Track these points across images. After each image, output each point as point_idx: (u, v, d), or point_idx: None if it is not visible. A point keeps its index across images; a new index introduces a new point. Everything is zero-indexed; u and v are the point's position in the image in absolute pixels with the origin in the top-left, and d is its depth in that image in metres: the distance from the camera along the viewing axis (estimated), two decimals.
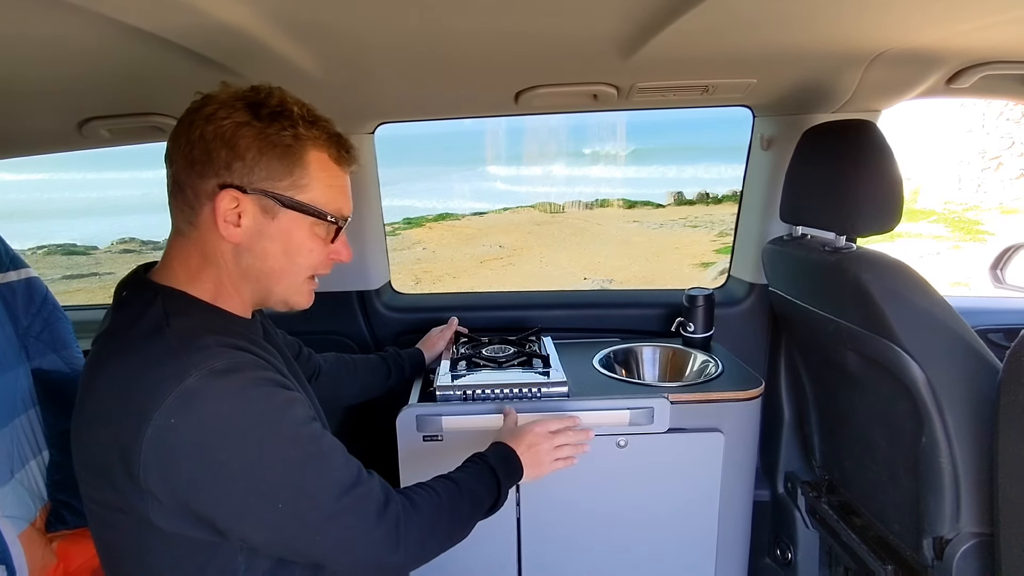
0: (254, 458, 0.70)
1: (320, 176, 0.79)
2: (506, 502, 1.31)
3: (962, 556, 1.09)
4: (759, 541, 1.76)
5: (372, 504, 0.79)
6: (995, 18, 0.96)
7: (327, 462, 0.76)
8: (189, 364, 0.68)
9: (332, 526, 0.75)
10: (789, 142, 1.33)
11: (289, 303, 0.85)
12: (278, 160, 0.76)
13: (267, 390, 0.72)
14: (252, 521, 0.72)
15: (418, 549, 0.84)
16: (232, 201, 0.75)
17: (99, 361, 0.74)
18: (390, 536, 0.80)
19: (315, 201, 0.79)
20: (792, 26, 1.00)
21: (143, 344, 0.71)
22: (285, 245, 0.79)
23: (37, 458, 1.40)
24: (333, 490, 0.75)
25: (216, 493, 0.69)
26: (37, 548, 1.28)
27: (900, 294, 1.07)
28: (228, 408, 0.68)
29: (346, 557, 0.78)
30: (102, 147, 1.47)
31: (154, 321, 0.73)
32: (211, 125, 0.74)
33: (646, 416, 1.28)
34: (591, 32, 1.01)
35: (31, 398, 1.41)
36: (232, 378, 0.69)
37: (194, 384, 0.67)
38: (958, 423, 1.05)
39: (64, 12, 0.75)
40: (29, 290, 1.48)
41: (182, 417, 0.66)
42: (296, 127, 0.77)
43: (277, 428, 0.71)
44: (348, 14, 0.89)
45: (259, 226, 0.77)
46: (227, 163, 0.74)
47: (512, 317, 1.78)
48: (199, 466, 0.67)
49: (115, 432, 0.68)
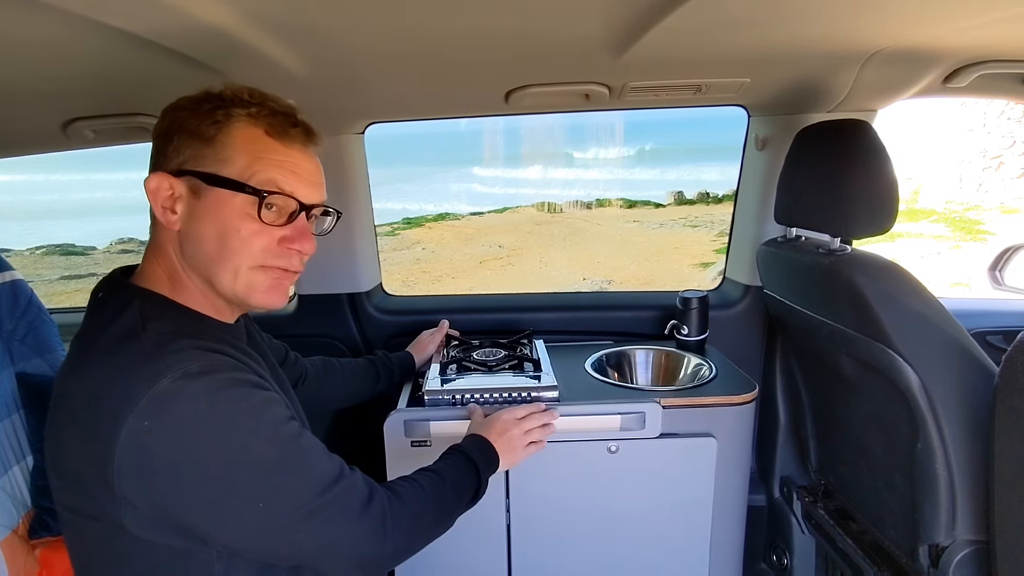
0: (233, 459, 0.68)
1: (248, 148, 0.74)
2: (498, 507, 1.32)
3: (958, 564, 1.08)
4: (755, 546, 1.74)
5: (356, 498, 0.78)
6: (991, 16, 0.94)
7: (307, 459, 0.74)
8: (163, 367, 0.66)
9: (315, 522, 0.73)
10: (784, 142, 1.31)
11: (250, 300, 0.78)
12: (200, 137, 0.74)
13: (243, 390, 0.70)
14: (234, 524, 0.70)
15: (405, 541, 0.83)
16: (165, 187, 0.74)
17: (72, 363, 0.73)
18: (376, 528, 0.79)
19: (240, 175, 0.74)
20: (784, 25, 0.98)
21: (117, 347, 0.69)
22: (216, 226, 0.74)
23: (20, 464, 1.38)
24: (315, 486, 0.73)
25: (195, 496, 0.67)
26: (19, 555, 1.26)
27: (894, 297, 1.05)
28: (204, 409, 0.66)
29: (332, 553, 0.76)
30: (86, 148, 1.46)
31: (129, 324, 0.71)
32: (159, 125, 0.77)
33: (637, 421, 1.26)
34: (580, 31, 1.00)
35: (15, 402, 1.40)
36: (207, 380, 0.67)
37: (168, 387, 0.65)
38: (954, 429, 1.03)
39: (47, 14, 0.74)
40: (14, 293, 1.47)
41: (156, 420, 0.64)
42: (229, 107, 0.74)
43: (255, 428, 0.70)
44: (334, 14, 0.87)
45: (191, 208, 0.75)
46: (162, 150, 0.75)
47: (504, 320, 1.76)
48: (177, 469, 0.66)
49: (88, 436, 0.66)
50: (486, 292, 2.02)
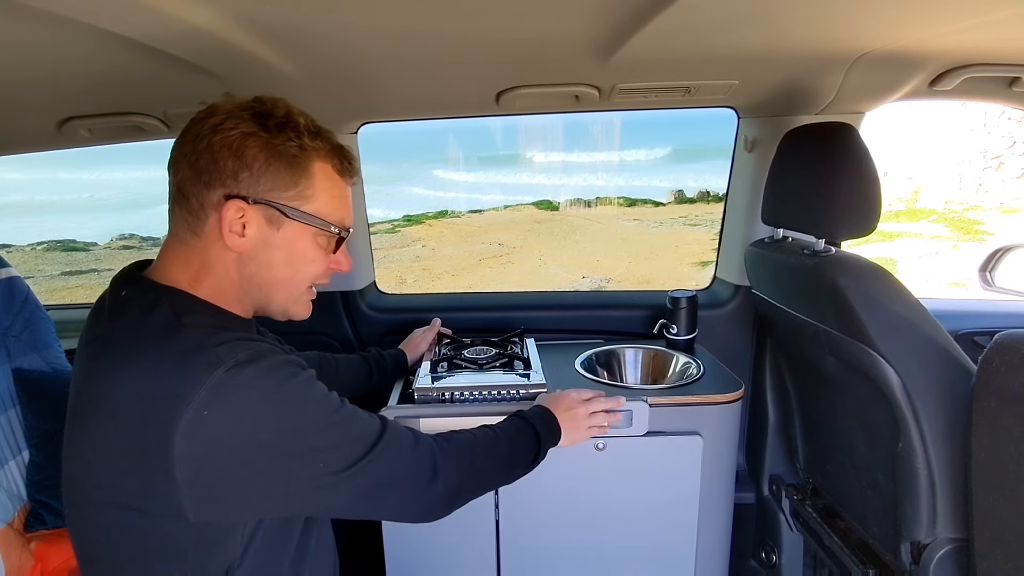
0: (291, 431, 0.73)
1: (324, 187, 0.81)
2: (486, 503, 1.33)
3: (939, 561, 1.09)
4: (743, 543, 1.76)
5: (405, 441, 0.85)
6: (976, 20, 0.95)
7: (354, 420, 0.81)
8: (214, 358, 0.70)
9: (372, 468, 0.80)
10: (772, 144, 1.32)
11: (288, 313, 0.87)
12: (284, 171, 0.77)
13: (290, 371, 0.75)
14: (295, 489, 0.75)
15: (455, 480, 0.90)
16: (238, 211, 0.76)
17: (106, 363, 0.73)
18: (425, 466, 0.86)
19: (319, 212, 0.81)
20: (772, 27, 0.99)
21: (159, 344, 0.72)
22: (289, 255, 0.81)
23: (17, 458, 1.40)
24: (367, 439, 0.80)
25: (260, 471, 0.72)
26: (14, 548, 1.28)
27: (876, 299, 1.06)
28: (259, 392, 0.71)
29: (390, 497, 0.83)
30: (81, 146, 1.47)
31: (164, 320, 0.74)
32: (218, 135, 0.75)
33: (624, 419, 1.27)
34: (568, 33, 1.01)
35: (11, 398, 1.42)
36: (257, 366, 0.72)
37: (223, 376, 0.69)
38: (933, 428, 1.05)
39: (42, 16, 0.75)
40: (10, 290, 1.48)
41: (215, 409, 0.68)
42: (302, 138, 0.78)
43: (306, 401, 0.76)
44: (326, 16, 0.89)
45: (264, 236, 0.79)
46: (234, 173, 0.76)
47: (496, 318, 1.78)
48: (240, 450, 0.70)
49: (140, 433, 0.69)
50: (478, 291, 2.03)
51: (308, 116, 0.82)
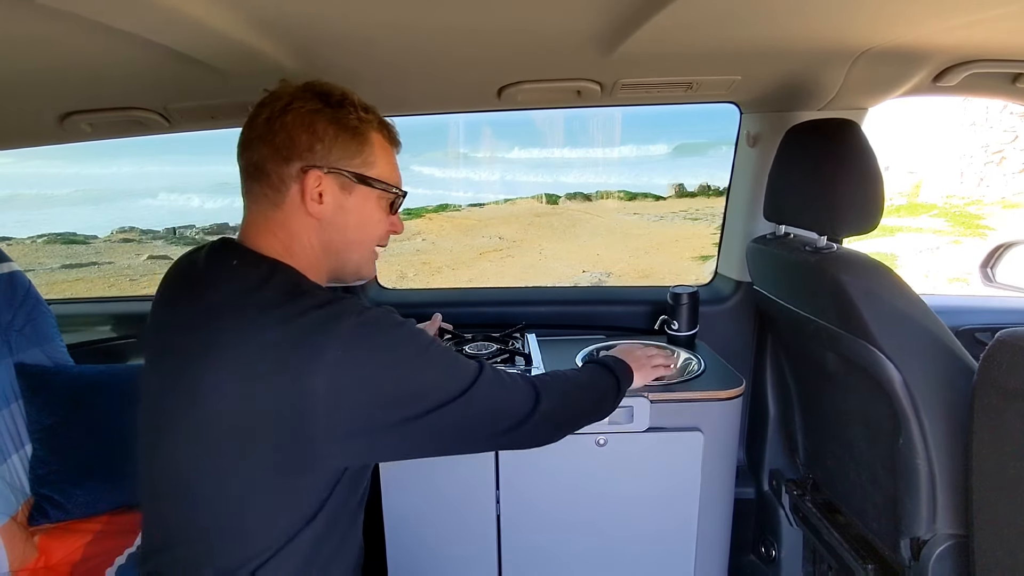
0: (414, 369, 0.81)
1: (382, 154, 0.91)
2: (486, 499, 1.33)
3: (938, 557, 1.09)
4: (743, 538, 1.76)
5: (504, 375, 0.93)
6: (980, 15, 0.95)
7: (459, 358, 0.89)
8: (344, 309, 0.77)
9: (486, 388, 0.87)
10: (775, 139, 1.32)
11: (361, 273, 0.95)
12: (350, 141, 0.86)
13: (402, 319, 0.83)
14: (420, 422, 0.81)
15: (558, 400, 0.98)
16: (316, 180, 0.84)
17: (237, 322, 0.77)
18: (528, 386, 0.94)
19: (381, 176, 0.90)
20: (774, 22, 0.99)
21: (290, 298, 0.78)
22: (359, 218, 0.89)
23: (19, 452, 1.41)
24: (472, 373, 0.87)
25: (391, 407, 0.79)
26: (18, 542, 1.28)
27: (877, 295, 1.06)
28: (387, 335, 0.80)
29: (498, 424, 0.90)
30: (82, 141, 1.46)
31: (289, 281, 0.82)
32: (289, 114, 0.83)
33: (625, 415, 1.28)
34: (570, 28, 1.01)
35: (13, 392, 1.42)
36: (379, 313, 0.80)
37: (356, 321, 0.76)
38: (934, 425, 1.05)
39: (43, 11, 0.75)
40: (11, 284, 1.49)
41: (354, 349, 0.75)
42: (359, 111, 0.87)
43: (420, 343, 0.83)
44: (327, 10, 0.89)
45: (338, 201, 0.87)
46: (309, 146, 0.84)
47: (497, 313, 1.78)
48: (374, 388, 0.77)
49: (278, 379, 0.74)
50: (479, 286, 2.03)
51: (356, 96, 0.89)
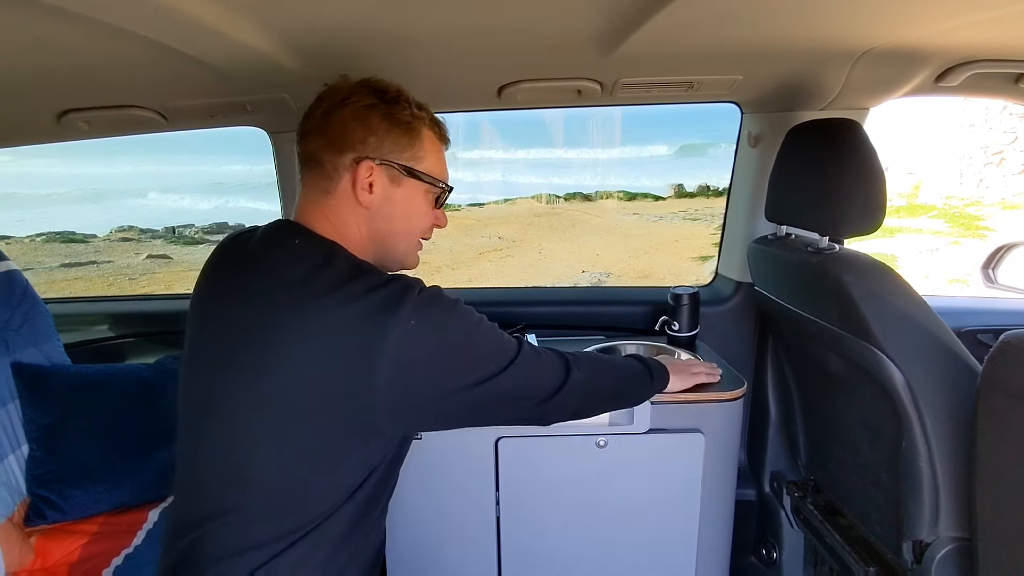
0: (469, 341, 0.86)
1: (431, 149, 0.94)
2: (486, 500, 1.33)
3: (941, 560, 1.09)
4: (744, 540, 1.76)
5: (541, 351, 0.97)
6: (981, 16, 0.94)
7: (502, 333, 0.93)
8: (410, 284, 0.82)
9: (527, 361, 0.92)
10: (776, 139, 1.31)
11: (405, 263, 0.98)
12: (402, 135, 0.90)
13: (455, 297, 0.87)
14: (485, 385, 0.86)
15: (590, 371, 1.02)
16: (367, 171, 0.88)
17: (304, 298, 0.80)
18: (562, 359, 0.99)
19: (429, 170, 0.93)
20: (775, 21, 0.99)
21: (358, 275, 0.82)
22: (406, 209, 0.93)
23: (16, 452, 1.40)
24: (513, 347, 0.92)
25: (449, 376, 0.84)
26: (15, 543, 1.27)
27: (880, 296, 1.05)
28: (448, 308, 0.84)
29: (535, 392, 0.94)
30: (80, 139, 1.46)
31: (348, 264, 0.85)
32: (346, 108, 0.88)
33: (626, 416, 1.27)
34: (571, 27, 1.00)
35: (10, 392, 1.41)
36: (433, 291, 0.84)
37: (420, 296, 0.81)
38: (937, 427, 1.04)
39: (40, 9, 0.75)
40: (9, 283, 1.48)
41: (421, 320, 0.79)
42: (412, 108, 0.91)
43: (472, 318, 0.88)
44: (326, 9, 0.88)
45: (387, 192, 0.90)
46: (362, 139, 0.88)
47: (498, 313, 1.76)
48: (436, 356, 0.82)
49: (347, 358, 0.78)
50: (479, 286, 2.02)
51: (409, 93, 0.93)
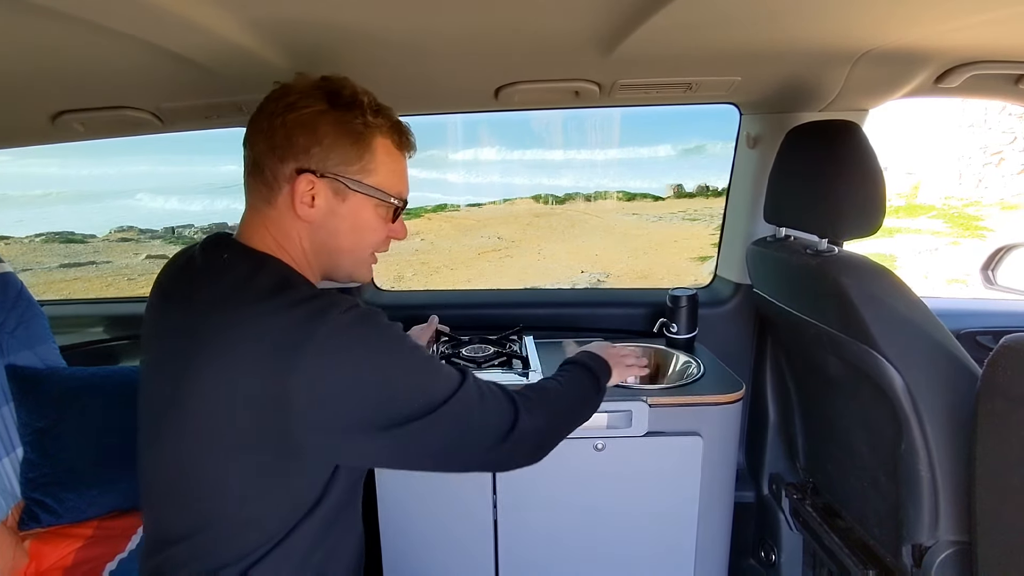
0: (393, 373, 0.79)
1: (384, 161, 0.87)
2: (483, 504, 1.32)
3: (940, 564, 1.08)
4: (743, 542, 1.75)
5: (484, 386, 0.89)
6: (981, 17, 0.94)
7: (441, 367, 0.87)
8: (330, 304, 0.76)
9: (461, 408, 0.84)
10: (775, 141, 1.31)
11: (353, 276, 0.94)
12: (350, 146, 0.84)
13: (389, 322, 0.82)
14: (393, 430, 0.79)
15: (541, 417, 0.94)
16: (308, 184, 0.82)
17: (225, 315, 0.77)
18: (510, 408, 0.90)
19: (380, 184, 0.87)
20: (774, 22, 0.98)
21: (277, 293, 0.77)
22: (353, 224, 0.87)
23: (10, 455, 1.39)
24: (453, 381, 0.85)
25: (366, 407, 0.77)
26: (8, 546, 1.27)
27: (879, 299, 1.05)
28: (369, 335, 0.78)
29: (479, 438, 0.87)
30: (75, 140, 1.45)
31: (276, 277, 0.80)
32: (293, 113, 0.82)
33: (624, 419, 1.27)
34: (569, 28, 1.00)
35: (4, 395, 1.40)
36: (364, 312, 0.79)
37: (339, 318, 0.75)
38: (937, 430, 1.04)
39: (35, 11, 0.74)
40: (3, 286, 1.47)
41: (335, 347, 0.74)
42: (366, 115, 0.84)
43: (404, 348, 0.82)
44: (322, 11, 0.88)
45: (331, 207, 0.85)
46: (306, 148, 0.82)
47: (495, 315, 1.77)
48: (351, 386, 0.76)
49: (263, 372, 0.73)
50: (477, 287, 2.02)
51: (371, 95, 0.87)
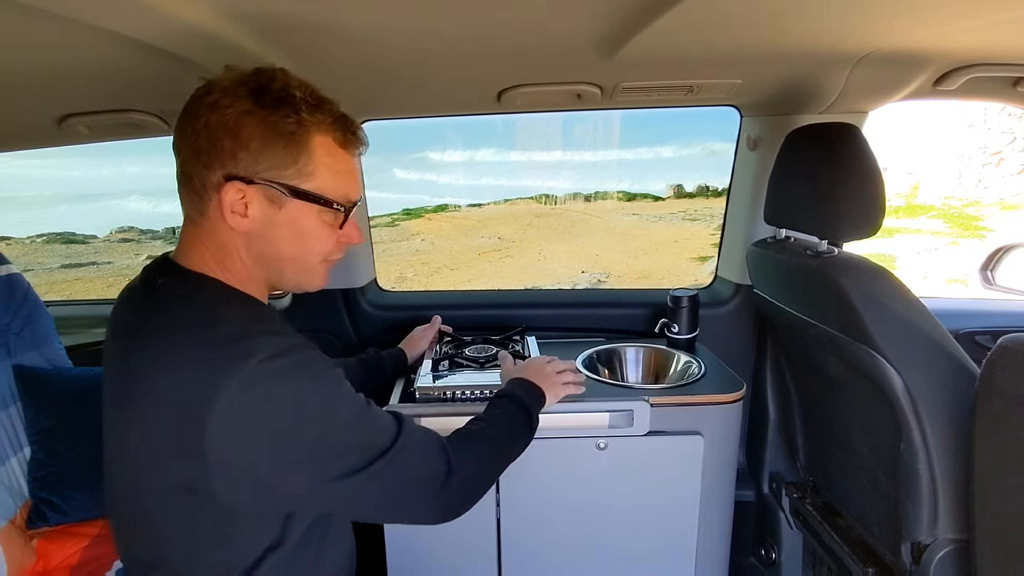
0: (317, 426, 0.74)
1: (326, 162, 0.79)
2: (487, 502, 1.33)
3: (939, 562, 1.09)
4: (743, 540, 1.76)
5: (421, 442, 0.87)
6: (980, 20, 0.95)
7: (377, 420, 0.83)
8: (247, 351, 0.71)
9: (392, 468, 0.80)
10: (775, 143, 1.32)
11: (301, 286, 0.87)
12: (282, 149, 0.75)
13: (319, 367, 0.77)
14: (317, 484, 0.76)
15: (471, 475, 0.92)
16: (238, 193, 0.75)
17: (150, 353, 0.73)
18: (442, 457, 0.88)
19: (321, 189, 0.79)
20: (775, 26, 0.99)
21: (197, 334, 0.73)
22: (294, 233, 0.79)
23: (18, 455, 1.40)
24: (387, 434, 0.82)
25: (282, 462, 0.73)
26: (16, 546, 1.28)
27: (879, 300, 1.06)
28: (289, 385, 0.72)
29: (408, 498, 0.85)
30: (80, 143, 1.46)
31: (201, 311, 0.75)
32: (215, 114, 0.74)
33: (625, 419, 1.28)
34: (571, 31, 1.00)
35: (11, 395, 1.41)
36: (289, 359, 0.73)
37: (256, 368, 0.70)
38: (936, 430, 1.05)
39: (41, 15, 0.75)
40: (10, 287, 1.48)
41: (247, 397, 0.69)
42: (299, 113, 0.76)
43: (333, 398, 0.77)
44: (327, 14, 0.88)
45: (267, 215, 0.77)
46: (232, 153, 0.74)
47: (497, 316, 1.78)
48: (265, 440, 0.71)
49: (179, 418, 0.69)
50: (479, 288, 2.03)
51: (308, 87, 0.79)
